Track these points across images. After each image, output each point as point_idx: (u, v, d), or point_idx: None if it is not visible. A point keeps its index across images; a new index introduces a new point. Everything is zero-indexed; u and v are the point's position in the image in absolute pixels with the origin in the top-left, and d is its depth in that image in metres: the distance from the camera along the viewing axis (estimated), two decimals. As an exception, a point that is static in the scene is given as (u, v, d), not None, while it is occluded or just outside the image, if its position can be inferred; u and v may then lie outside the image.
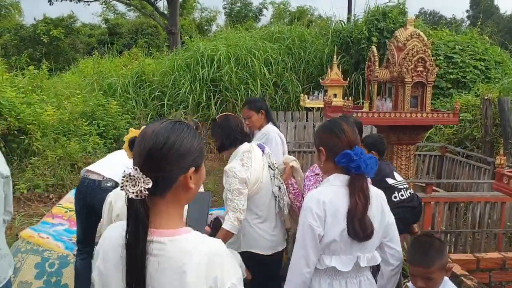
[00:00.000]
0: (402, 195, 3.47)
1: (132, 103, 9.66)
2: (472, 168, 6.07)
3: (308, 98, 8.19)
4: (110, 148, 7.59)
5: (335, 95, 7.57)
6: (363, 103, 8.55)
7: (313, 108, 8.92)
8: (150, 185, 1.15)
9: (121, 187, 1.14)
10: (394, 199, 3.44)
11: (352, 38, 10.84)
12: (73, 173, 6.38)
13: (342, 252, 2.04)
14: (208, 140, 9.37)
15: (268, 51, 10.66)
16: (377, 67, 4.89)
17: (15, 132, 6.27)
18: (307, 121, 8.89)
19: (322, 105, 8.03)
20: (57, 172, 6.12)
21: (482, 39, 10.56)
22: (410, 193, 3.53)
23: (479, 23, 12.28)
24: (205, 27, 26.39)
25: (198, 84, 9.79)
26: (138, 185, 1.15)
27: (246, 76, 10.04)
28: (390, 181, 3.48)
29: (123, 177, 1.14)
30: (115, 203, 2.15)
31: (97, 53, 13.23)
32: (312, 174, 2.98)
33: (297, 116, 9.16)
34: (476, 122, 7.42)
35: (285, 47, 11.20)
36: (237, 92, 9.71)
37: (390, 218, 2.16)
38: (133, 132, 2.10)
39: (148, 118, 9.47)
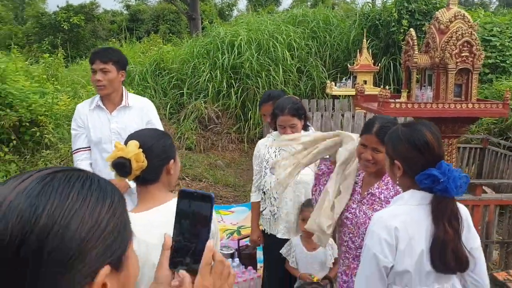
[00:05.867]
0: None
1: (151, 91, 9.31)
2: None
3: (336, 85, 7.69)
4: (127, 139, 7.25)
5: (365, 82, 7.05)
6: (395, 88, 8.01)
7: (340, 95, 8.41)
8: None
9: None
10: None
11: (381, 21, 10.21)
12: (88, 167, 6.06)
13: (416, 284, 1.68)
14: (229, 130, 8.98)
15: (291, 35, 10.12)
16: (416, 52, 4.38)
17: (27, 124, 5.98)
18: (333, 109, 8.37)
19: (351, 93, 7.53)
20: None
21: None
22: None
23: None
24: (226, 12, 25.96)
25: (218, 72, 9.36)
26: None
27: (268, 62, 9.54)
28: None
29: None
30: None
31: (114, 40, 12.89)
32: (321, 171, 2.51)
33: (323, 104, 8.65)
34: (520, 110, 6.79)
35: (309, 31, 10.63)
36: (258, 79, 9.24)
37: (476, 241, 1.77)
38: (118, 151, 1.63)
39: (168, 108, 9.12)
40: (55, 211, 0.60)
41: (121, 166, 1.61)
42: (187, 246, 0.90)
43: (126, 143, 1.66)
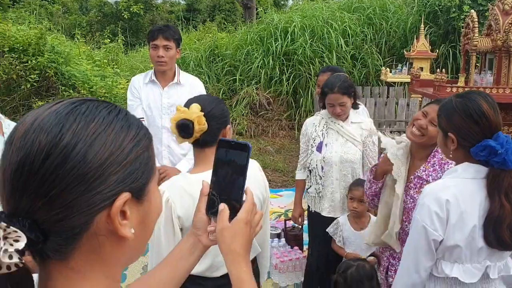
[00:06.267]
0: None
1: (205, 77, 9.49)
2: None
3: (391, 72, 7.50)
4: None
5: (421, 69, 6.82)
6: (454, 77, 7.73)
7: (395, 83, 8.19)
8: None
9: None
10: None
11: (440, 7, 9.79)
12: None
13: (467, 260, 1.63)
14: (279, 117, 9.01)
15: (346, 22, 9.94)
16: (476, 35, 4.19)
17: (88, 105, 6.32)
18: (388, 97, 8.18)
19: (406, 80, 7.32)
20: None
21: None
22: None
23: None
24: (282, 2, 25.81)
25: (270, 58, 9.38)
26: None
27: (322, 48, 9.44)
28: None
29: None
30: (174, 201, 1.65)
31: (171, 27, 13.22)
32: (374, 186, 2.40)
33: (377, 91, 8.46)
34: None
35: (365, 17, 10.39)
36: (311, 66, 9.18)
37: None
38: (181, 113, 1.68)
39: (221, 94, 9.27)
40: (79, 131, 0.63)
41: (185, 127, 1.64)
42: (223, 193, 0.94)
43: (186, 106, 1.70)
